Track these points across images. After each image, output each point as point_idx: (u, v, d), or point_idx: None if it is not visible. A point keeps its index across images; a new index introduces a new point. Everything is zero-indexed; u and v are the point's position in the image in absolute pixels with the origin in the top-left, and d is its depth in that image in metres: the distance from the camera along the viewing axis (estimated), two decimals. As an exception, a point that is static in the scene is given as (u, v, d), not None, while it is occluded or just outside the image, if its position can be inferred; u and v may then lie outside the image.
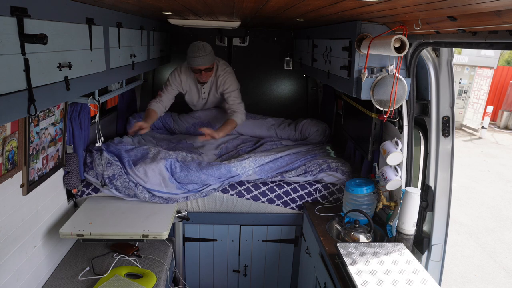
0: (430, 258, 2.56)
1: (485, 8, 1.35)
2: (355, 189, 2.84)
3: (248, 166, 3.22)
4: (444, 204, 2.50)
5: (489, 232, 6.21)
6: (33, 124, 2.20)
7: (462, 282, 4.83)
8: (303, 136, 4.10)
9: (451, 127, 2.42)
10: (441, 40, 2.00)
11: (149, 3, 2.05)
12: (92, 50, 1.99)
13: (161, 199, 3.06)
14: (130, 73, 2.86)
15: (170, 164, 3.10)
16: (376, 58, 2.29)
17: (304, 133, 4.10)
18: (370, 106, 2.88)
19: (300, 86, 4.87)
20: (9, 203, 2.09)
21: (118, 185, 2.99)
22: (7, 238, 2.07)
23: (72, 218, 2.75)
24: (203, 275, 3.53)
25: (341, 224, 2.84)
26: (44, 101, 1.52)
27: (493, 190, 8.07)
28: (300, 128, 4.12)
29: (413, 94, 2.46)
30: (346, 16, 2.22)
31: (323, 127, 4.09)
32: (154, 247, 2.88)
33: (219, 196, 3.24)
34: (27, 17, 1.34)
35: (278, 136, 4.12)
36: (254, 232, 3.39)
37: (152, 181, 3.01)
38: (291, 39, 4.62)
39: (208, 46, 3.53)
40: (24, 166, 2.16)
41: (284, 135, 4.12)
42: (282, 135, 4.12)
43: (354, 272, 2.08)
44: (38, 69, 1.44)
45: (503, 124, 14.28)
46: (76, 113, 2.76)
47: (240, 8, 2.18)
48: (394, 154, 2.59)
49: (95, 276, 2.48)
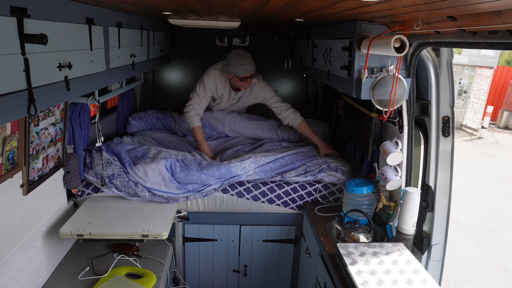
0: (430, 258, 2.56)
1: (485, 8, 1.35)
2: (355, 189, 2.84)
3: (248, 166, 3.22)
4: (444, 204, 2.50)
5: (489, 232, 6.21)
6: (33, 124, 2.20)
7: (462, 282, 4.83)
8: (303, 135, 4.09)
9: (451, 127, 2.42)
10: (441, 40, 2.00)
11: (149, 3, 2.05)
12: (92, 50, 1.99)
13: (161, 198, 3.06)
14: (130, 73, 2.86)
15: (170, 164, 3.10)
16: (376, 58, 2.28)
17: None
18: (370, 106, 2.88)
19: (300, 86, 4.87)
20: (9, 203, 2.09)
21: (118, 184, 2.99)
22: (7, 238, 2.07)
23: (72, 218, 2.75)
24: (203, 275, 3.53)
25: (341, 224, 2.84)
26: (44, 101, 1.52)
27: (493, 190, 8.07)
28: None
29: (413, 94, 2.46)
30: (346, 16, 2.22)
31: (323, 127, 4.09)
32: (154, 247, 2.88)
33: (219, 196, 3.24)
34: (27, 17, 1.33)
35: (279, 137, 4.11)
36: (254, 232, 3.39)
37: (152, 181, 3.01)
38: (291, 39, 4.62)
39: (249, 54, 3.61)
40: (24, 166, 2.16)
41: (285, 136, 4.11)
42: (283, 135, 4.11)
43: (354, 272, 2.08)
44: (38, 69, 1.44)
45: (503, 124, 14.28)
46: (76, 113, 2.76)
47: (240, 8, 2.18)
48: (394, 154, 2.59)
49: (95, 276, 2.48)
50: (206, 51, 4.59)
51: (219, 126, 4.02)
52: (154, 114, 4.20)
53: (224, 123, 4.05)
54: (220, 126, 4.02)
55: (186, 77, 4.72)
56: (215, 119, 4.05)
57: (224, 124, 4.04)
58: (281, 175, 3.28)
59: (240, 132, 4.09)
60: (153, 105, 4.73)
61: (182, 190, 3.08)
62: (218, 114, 4.08)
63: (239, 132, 4.08)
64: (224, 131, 4.06)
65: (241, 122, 4.07)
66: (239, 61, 3.52)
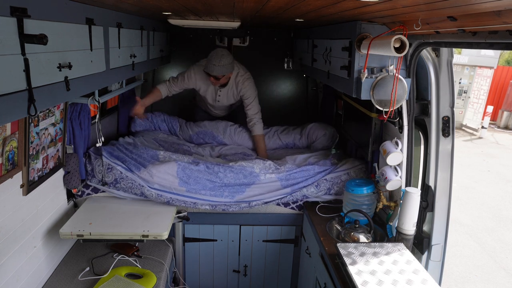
0: (430, 258, 2.56)
1: (485, 8, 1.35)
2: (355, 189, 2.84)
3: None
4: (444, 204, 2.50)
5: (489, 232, 6.21)
6: (33, 125, 2.20)
7: (462, 282, 4.83)
8: (310, 140, 3.99)
9: (451, 127, 2.42)
10: (441, 40, 2.00)
11: (149, 3, 2.05)
12: (92, 50, 1.99)
13: (169, 199, 3.05)
14: (130, 73, 2.86)
15: (181, 170, 3.09)
16: (376, 58, 2.28)
17: (311, 137, 3.98)
18: (370, 106, 2.88)
19: (300, 86, 4.87)
20: (9, 203, 2.09)
21: (123, 187, 3.01)
22: (7, 238, 2.07)
23: (72, 218, 2.75)
24: (203, 275, 3.53)
25: (341, 224, 2.84)
26: (44, 101, 1.52)
27: (493, 190, 8.07)
28: (307, 132, 4.01)
29: (413, 94, 2.46)
30: (346, 16, 2.22)
31: (331, 131, 3.94)
32: (154, 247, 2.88)
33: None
34: (27, 17, 1.33)
35: (283, 142, 4.04)
36: (254, 232, 3.38)
37: (161, 184, 3.03)
38: (291, 39, 4.62)
39: (229, 57, 3.55)
40: (24, 166, 2.16)
41: (288, 140, 4.04)
42: (287, 140, 4.04)
43: (354, 272, 2.08)
44: (38, 69, 1.44)
45: (503, 124, 14.28)
46: (76, 113, 2.76)
47: (240, 8, 2.18)
48: (394, 154, 2.59)
49: (95, 276, 2.48)
50: (206, 51, 4.56)
51: (220, 135, 4.00)
52: (161, 116, 4.20)
53: (225, 133, 4.01)
54: (220, 136, 4.00)
55: (186, 77, 4.71)
56: (217, 129, 4.04)
57: (225, 134, 4.01)
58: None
59: (239, 143, 4.00)
60: (153, 105, 4.72)
61: (192, 194, 3.07)
62: (220, 125, 4.06)
63: (238, 142, 4.00)
64: (224, 141, 4.00)
65: (242, 133, 4.00)
66: (213, 60, 3.49)
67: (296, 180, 3.19)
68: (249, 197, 3.13)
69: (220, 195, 3.10)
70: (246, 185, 3.15)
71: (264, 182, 3.16)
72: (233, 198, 3.11)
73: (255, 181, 3.15)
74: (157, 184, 3.03)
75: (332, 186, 3.18)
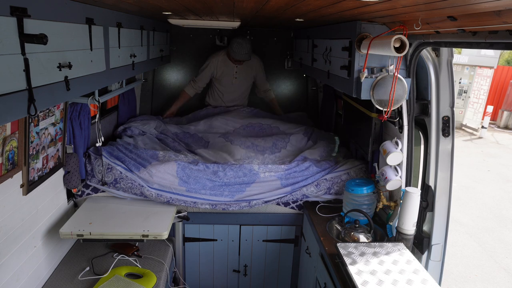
0: (430, 258, 2.56)
1: (485, 8, 1.35)
2: (355, 189, 2.84)
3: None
4: (444, 204, 2.50)
5: (489, 232, 6.21)
6: (33, 124, 2.20)
7: (462, 282, 4.83)
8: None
9: (451, 127, 2.42)
10: (441, 40, 2.00)
11: (149, 3, 2.05)
12: (92, 50, 1.99)
13: (169, 199, 3.05)
14: (130, 73, 2.86)
15: (181, 170, 3.09)
16: (376, 58, 2.28)
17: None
18: (370, 106, 2.88)
19: (300, 86, 4.87)
20: (9, 203, 2.09)
21: (123, 187, 3.01)
22: (7, 238, 2.07)
23: (72, 218, 2.75)
24: (203, 275, 3.53)
25: (341, 224, 2.84)
26: (44, 101, 1.52)
27: (493, 190, 8.07)
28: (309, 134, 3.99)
29: (413, 94, 2.46)
30: (346, 16, 2.22)
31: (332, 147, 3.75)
32: (154, 247, 2.88)
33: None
34: (27, 17, 1.33)
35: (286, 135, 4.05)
36: (254, 232, 3.38)
37: (162, 183, 3.03)
38: (291, 39, 4.62)
39: (249, 44, 4.23)
40: (24, 166, 2.16)
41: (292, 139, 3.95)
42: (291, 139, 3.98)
43: (354, 272, 2.08)
44: (38, 69, 1.44)
45: (503, 124, 14.27)
46: (76, 113, 2.76)
47: (240, 8, 2.18)
48: (394, 154, 2.59)
49: (95, 276, 2.48)
50: (206, 51, 4.59)
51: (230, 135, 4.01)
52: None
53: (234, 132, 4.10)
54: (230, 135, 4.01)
55: (186, 77, 4.72)
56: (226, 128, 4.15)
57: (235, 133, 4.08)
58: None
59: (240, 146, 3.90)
60: (153, 105, 4.73)
61: (192, 198, 3.07)
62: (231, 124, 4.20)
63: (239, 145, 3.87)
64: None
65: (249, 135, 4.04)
66: (238, 49, 4.20)
67: (296, 179, 3.19)
68: (249, 196, 3.13)
69: (220, 194, 3.10)
70: (246, 184, 3.15)
71: (264, 180, 3.16)
72: (233, 197, 3.11)
73: (255, 179, 3.15)
74: (157, 184, 3.03)
75: (332, 185, 3.18)
